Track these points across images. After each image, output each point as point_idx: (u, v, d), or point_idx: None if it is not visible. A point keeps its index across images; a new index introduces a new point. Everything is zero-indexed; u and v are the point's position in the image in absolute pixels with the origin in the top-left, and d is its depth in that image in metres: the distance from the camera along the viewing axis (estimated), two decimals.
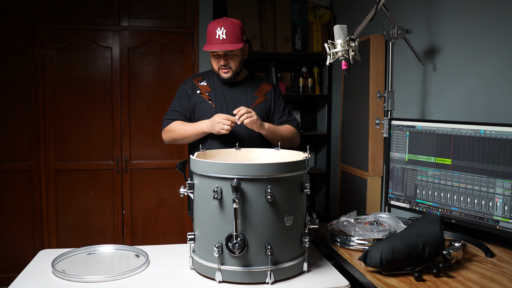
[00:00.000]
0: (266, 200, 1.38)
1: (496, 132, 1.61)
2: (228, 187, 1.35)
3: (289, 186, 1.43)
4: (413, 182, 1.93)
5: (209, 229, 1.43)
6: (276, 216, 1.41)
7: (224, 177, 1.36)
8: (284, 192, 1.41)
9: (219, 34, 1.98)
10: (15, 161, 3.25)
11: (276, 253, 1.41)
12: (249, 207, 1.38)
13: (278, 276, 1.42)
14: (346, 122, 3.21)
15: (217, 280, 1.41)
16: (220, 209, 1.39)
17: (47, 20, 3.21)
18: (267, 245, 1.39)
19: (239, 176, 1.35)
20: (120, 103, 3.35)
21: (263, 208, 1.38)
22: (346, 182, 3.21)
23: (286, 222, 1.42)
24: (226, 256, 1.40)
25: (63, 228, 3.34)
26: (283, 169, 1.40)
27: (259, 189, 1.37)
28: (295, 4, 3.59)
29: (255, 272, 1.40)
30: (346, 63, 1.91)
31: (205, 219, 1.45)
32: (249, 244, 1.38)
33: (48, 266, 1.52)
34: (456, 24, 2.13)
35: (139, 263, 1.57)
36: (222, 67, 2.05)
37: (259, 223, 1.39)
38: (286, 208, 1.43)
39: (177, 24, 3.40)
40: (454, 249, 1.47)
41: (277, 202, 1.40)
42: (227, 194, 1.37)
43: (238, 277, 1.40)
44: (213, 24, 2.02)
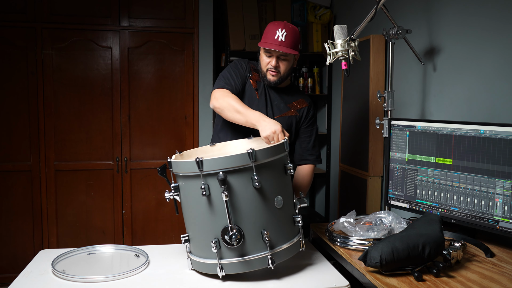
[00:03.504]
0: (254, 188, 1.38)
1: (496, 132, 1.61)
2: (215, 182, 1.35)
3: (273, 170, 1.44)
4: (413, 182, 1.93)
5: (203, 226, 1.43)
6: (266, 201, 1.42)
7: (209, 173, 1.36)
8: (270, 177, 1.42)
9: (278, 35, 1.91)
10: (15, 161, 3.25)
11: (272, 237, 1.42)
12: (239, 197, 1.38)
13: (278, 259, 1.43)
14: (346, 122, 3.21)
15: (220, 275, 1.41)
16: (210, 205, 1.39)
17: (47, 20, 3.21)
18: (263, 231, 1.40)
19: (224, 169, 1.35)
20: (120, 103, 3.35)
21: (252, 195, 1.39)
22: (346, 182, 3.21)
23: (276, 205, 1.44)
24: (224, 250, 1.40)
25: (63, 228, 3.34)
26: (266, 155, 1.41)
27: (245, 178, 1.38)
28: (295, 4, 3.59)
29: (255, 259, 1.40)
30: (346, 63, 1.91)
31: (197, 217, 1.45)
32: (245, 233, 1.39)
33: (48, 266, 1.52)
34: (456, 24, 2.13)
35: (139, 263, 1.57)
36: (271, 69, 1.97)
37: (250, 211, 1.40)
38: (274, 191, 1.44)
39: (177, 24, 3.40)
40: (454, 249, 1.47)
41: (265, 187, 1.41)
42: (215, 189, 1.37)
43: (239, 267, 1.41)
44: (274, 24, 1.96)
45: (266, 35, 1.96)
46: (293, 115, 2.08)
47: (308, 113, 2.10)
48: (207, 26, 3.43)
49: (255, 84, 2.05)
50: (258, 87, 2.05)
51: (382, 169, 2.79)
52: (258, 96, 2.04)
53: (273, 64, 1.96)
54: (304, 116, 2.09)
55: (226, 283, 1.43)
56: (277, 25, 1.94)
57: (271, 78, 1.99)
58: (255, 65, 2.11)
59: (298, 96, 2.12)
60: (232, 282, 1.44)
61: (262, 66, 2.01)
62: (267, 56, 1.97)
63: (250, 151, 1.36)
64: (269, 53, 1.96)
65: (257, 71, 2.09)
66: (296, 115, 2.08)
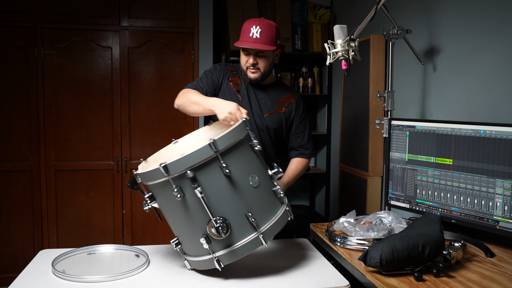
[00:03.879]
0: (225, 176, 1.37)
1: (496, 132, 1.61)
2: (186, 182, 1.34)
3: (240, 152, 1.43)
4: (413, 182, 1.93)
5: (188, 227, 1.42)
6: (242, 184, 1.40)
7: (177, 175, 1.35)
8: (238, 160, 1.41)
9: (253, 32, 1.93)
10: (15, 161, 3.25)
11: (258, 217, 1.41)
12: (214, 189, 1.37)
13: (270, 234, 1.43)
14: (346, 122, 3.21)
15: (219, 268, 1.40)
16: (188, 205, 1.38)
17: (47, 20, 3.21)
18: (247, 213, 1.39)
19: (190, 167, 1.33)
20: (120, 103, 3.35)
21: (226, 184, 1.38)
22: (346, 182, 3.21)
23: (253, 185, 1.43)
24: (215, 243, 1.39)
25: (63, 228, 3.34)
26: (227, 140, 1.39)
27: (214, 169, 1.36)
28: (295, 4, 3.59)
29: (248, 243, 1.40)
30: (346, 63, 1.91)
31: (180, 220, 1.44)
32: (230, 222, 1.38)
33: (48, 266, 1.52)
34: (456, 24, 2.13)
35: (139, 263, 1.57)
36: (250, 67, 1.99)
37: (229, 198, 1.39)
38: (247, 172, 1.43)
39: (177, 24, 3.40)
40: (454, 249, 1.47)
41: (236, 172, 1.39)
42: (188, 189, 1.36)
43: (235, 255, 1.40)
44: (249, 22, 1.97)
45: (242, 33, 1.97)
46: (282, 112, 2.08)
47: (297, 109, 2.11)
48: (207, 26, 3.43)
49: (236, 86, 2.06)
50: (240, 89, 2.06)
51: (382, 169, 2.79)
52: (240, 97, 2.04)
53: (250, 62, 1.98)
54: (294, 112, 2.10)
55: (226, 283, 1.43)
56: (252, 22, 1.95)
57: (251, 76, 2.01)
58: (236, 67, 2.12)
59: (285, 91, 2.13)
60: (231, 282, 1.44)
61: (242, 64, 2.02)
62: (245, 54, 1.99)
63: (211, 142, 1.34)
64: (246, 51, 1.98)
65: (238, 73, 2.10)
66: (285, 111, 2.09)
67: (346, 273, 1.56)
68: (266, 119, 2.05)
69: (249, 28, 1.94)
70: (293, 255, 1.67)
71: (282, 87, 2.16)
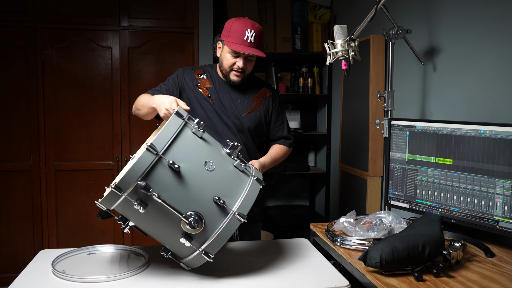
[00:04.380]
0: (176, 172, 1.35)
1: (496, 132, 1.61)
2: (142, 193, 1.33)
3: (184, 143, 1.40)
4: (413, 182, 1.93)
5: (166, 233, 1.42)
6: (196, 173, 1.38)
7: (131, 190, 1.33)
8: (184, 151, 1.38)
9: (248, 36, 1.85)
10: (15, 161, 3.25)
11: (227, 197, 1.39)
12: (171, 188, 1.35)
13: (245, 209, 1.40)
14: (346, 122, 3.21)
15: (210, 260, 1.39)
16: (155, 213, 1.37)
17: (47, 20, 3.21)
18: (214, 198, 1.37)
19: (139, 178, 1.31)
20: (120, 103, 3.35)
21: (180, 179, 1.36)
22: (346, 182, 3.21)
23: (209, 170, 1.40)
24: (196, 237, 1.38)
25: (63, 228, 3.34)
26: (163, 139, 1.36)
27: (162, 170, 1.34)
28: (295, 4, 3.59)
29: (227, 225, 1.38)
30: (346, 63, 1.91)
31: (156, 229, 1.43)
32: (201, 212, 1.36)
33: (48, 266, 1.52)
34: (456, 24, 2.13)
35: (139, 263, 1.56)
36: (237, 69, 1.91)
37: (191, 191, 1.37)
38: (198, 160, 1.40)
39: (177, 24, 3.40)
40: (454, 249, 1.47)
41: (187, 164, 1.37)
42: (147, 198, 1.34)
43: (220, 242, 1.38)
44: (240, 23, 1.87)
45: (234, 34, 1.87)
46: (260, 108, 2.04)
47: (274, 102, 2.07)
48: (207, 26, 3.43)
49: (206, 91, 1.97)
50: (211, 93, 1.97)
51: (382, 169, 2.79)
52: (213, 102, 1.96)
53: (240, 66, 1.90)
54: (271, 106, 2.06)
55: (225, 283, 1.43)
56: (244, 24, 1.86)
57: (234, 79, 1.94)
58: (204, 69, 2.03)
59: (259, 86, 2.07)
60: (231, 282, 1.44)
61: (225, 65, 1.93)
62: (233, 56, 1.90)
63: (148, 146, 1.32)
64: (236, 54, 1.89)
65: (207, 75, 2.00)
66: (263, 107, 2.04)
67: (346, 273, 1.56)
68: (244, 119, 1.99)
69: (243, 31, 1.86)
70: (293, 255, 1.67)
71: (255, 82, 2.08)
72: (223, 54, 1.93)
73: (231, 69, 1.93)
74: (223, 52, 1.93)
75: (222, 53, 1.94)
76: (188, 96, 1.97)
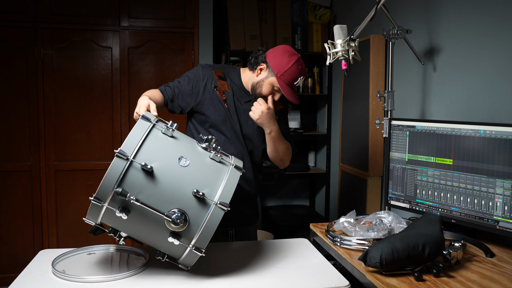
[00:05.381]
0: (149, 172, 1.34)
1: (496, 132, 1.61)
2: (121, 199, 1.33)
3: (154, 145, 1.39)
4: (413, 182, 1.93)
5: (154, 235, 1.41)
6: (171, 171, 1.37)
7: (110, 199, 1.34)
8: (155, 151, 1.38)
9: (299, 82, 1.87)
10: (15, 161, 3.25)
11: (205, 189, 1.38)
12: (148, 190, 1.35)
13: (226, 197, 1.38)
14: (346, 122, 3.21)
15: (202, 254, 1.39)
16: (138, 218, 1.37)
17: (47, 20, 3.21)
18: (193, 192, 1.36)
19: (114, 185, 1.32)
20: (120, 103, 3.35)
21: (155, 179, 1.35)
22: (346, 182, 3.21)
23: (184, 165, 1.40)
24: (184, 234, 1.38)
25: (63, 228, 3.34)
26: (131, 143, 1.36)
27: (136, 174, 1.34)
28: (295, 4, 3.59)
29: (211, 216, 1.36)
30: (346, 63, 1.91)
31: (145, 234, 1.43)
32: (183, 207, 1.36)
33: (48, 266, 1.52)
34: (456, 24, 2.13)
35: (139, 263, 1.56)
36: (268, 98, 1.90)
37: (168, 189, 1.36)
38: (171, 158, 1.39)
39: (177, 24, 3.40)
40: (454, 249, 1.47)
41: (159, 163, 1.36)
42: (128, 204, 1.35)
43: (208, 235, 1.37)
44: (298, 68, 1.85)
45: (288, 76, 1.85)
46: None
47: (283, 113, 2.06)
48: (207, 26, 3.43)
49: (223, 95, 1.94)
50: (227, 98, 1.94)
51: (382, 169, 2.79)
52: (227, 106, 1.93)
53: (277, 99, 1.91)
54: (280, 116, 2.04)
55: (225, 283, 1.43)
56: (301, 70, 1.86)
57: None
58: (224, 71, 1.99)
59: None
60: (231, 282, 1.44)
61: (263, 92, 1.91)
62: (274, 89, 1.90)
63: (117, 153, 1.32)
64: (278, 90, 1.89)
65: (225, 78, 1.97)
66: (276, 119, 1.99)
67: (346, 273, 1.56)
68: (258, 129, 1.96)
69: (297, 77, 1.86)
70: (293, 255, 1.67)
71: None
72: (266, 82, 1.89)
73: (264, 95, 1.91)
74: (266, 79, 1.89)
75: (264, 79, 1.89)
76: (204, 95, 1.93)
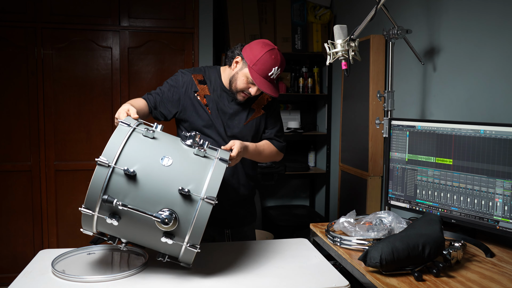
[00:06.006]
0: (130, 175, 1.35)
1: (496, 132, 1.61)
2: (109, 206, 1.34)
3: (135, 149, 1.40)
4: (413, 182, 1.93)
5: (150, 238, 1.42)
6: (155, 172, 1.37)
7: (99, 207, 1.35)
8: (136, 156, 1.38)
9: (273, 73, 1.80)
10: (15, 161, 3.25)
11: (191, 185, 1.38)
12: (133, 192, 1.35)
13: (213, 190, 1.38)
14: (346, 122, 3.21)
15: (198, 250, 1.39)
16: (130, 222, 1.38)
17: (47, 20, 3.21)
18: (179, 189, 1.35)
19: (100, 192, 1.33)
20: (120, 103, 3.35)
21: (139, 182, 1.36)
22: (346, 182, 3.21)
23: (167, 165, 1.40)
24: (177, 233, 1.38)
25: (63, 228, 3.34)
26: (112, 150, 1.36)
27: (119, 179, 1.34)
28: (295, 4, 3.59)
29: (201, 211, 1.36)
30: (346, 63, 1.91)
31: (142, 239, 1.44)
32: (171, 206, 1.36)
33: (48, 266, 1.52)
34: (456, 24, 2.13)
35: (139, 263, 1.56)
36: (246, 93, 1.86)
37: (153, 190, 1.36)
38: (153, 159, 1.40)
39: (177, 24, 3.40)
40: (454, 249, 1.47)
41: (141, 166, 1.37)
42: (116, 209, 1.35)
43: (199, 229, 1.37)
44: (271, 57, 1.79)
45: (260, 65, 1.79)
46: (260, 115, 1.98)
47: (273, 105, 2.01)
48: (207, 26, 3.43)
49: (204, 99, 1.91)
50: (208, 102, 1.91)
51: (382, 169, 2.79)
52: (210, 111, 1.90)
53: (253, 93, 1.85)
54: (269, 109, 2.00)
55: (225, 283, 1.43)
56: (275, 60, 1.80)
57: (241, 99, 1.89)
58: (204, 74, 1.95)
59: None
60: (231, 282, 1.44)
61: (238, 85, 1.86)
62: (249, 82, 1.83)
63: (99, 161, 1.33)
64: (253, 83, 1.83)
65: (205, 81, 1.93)
66: (263, 113, 1.98)
67: (346, 273, 1.56)
68: (245, 127, 1.94)
69: (271, 68, 1.79)
70: (293, 255, 1.67)
71: None
72: (240, 74, 1.85)
73: (241, 90, 1.87)
74: (241, 72, 1.85)
75: (238, 72, 1.86)
76: (184, 102, 1.91)
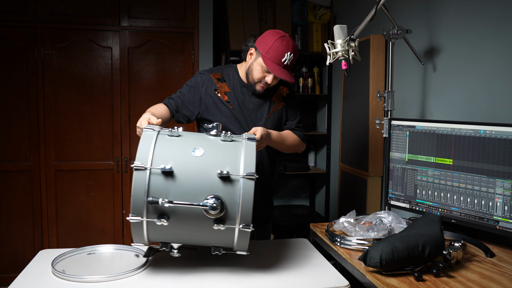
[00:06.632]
0: (168, 172, 1.38)
1: (496, 132, 1.61)
2: (155, 208, 1.37)
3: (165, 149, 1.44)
4: (413, 182, 1.93)
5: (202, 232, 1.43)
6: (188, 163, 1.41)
7: (145, 212, 1.37)
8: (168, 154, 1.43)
9: (286, 59, 1.83)
10: (15, 161, 3.25)
11: (228, 166, 1.41)
12: (175, 189, 1.38)
13: (250, 168, 1.41)
14: (346, 122, 3.21)
15: (252, 228, 1.41)
16: (179, 219, 1.39)
17: (47, 20, 3.21)
18: (218, 173, 1.38)
19: (144, 196, 1.36)
20: (120, 103, 3.35)
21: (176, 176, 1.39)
22: (346, 182, 3.21)
23: (199, 155, 1.43)
24: (227, 217, 1.39)
25: (63, 228, 3.34)
26: (144, 155, 1.40)
27: (158, 179, 1.38)
28: (295, 4, 3.59)
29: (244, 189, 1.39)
30: (346, 63, 1.91)
31: (194, 235, 1.45)
32: (215, 192, 1.38)
33: (48, 266, 1.52)
34: (456, 24, 2.13)
35: (139, 263, 1.57)
36: (264, 83, 1.90)
37: (192, 181, 1.39)
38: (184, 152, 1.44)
39: (177, 24, 3.40)
40: (454, 249, 1.47)
41: (175, 162, 1.40)
42: (164, 210, 1.38)
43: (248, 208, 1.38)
44: (283, 44, 1.83)
45: (273, 52, 1.83)
46: (281, 107, 2.03)
47: (290, 96, 2.06)
48: (207, 26, 3.43)
49: (224, 96, 1.96)
50: (229, 98, 1.96)
51: (382, 169, 2.79)
52: (232, 107, 1.95)
53: (269, 82, 1.89)
54: (288, 101, 2.06)
55: (226, 283, 1.43)
56: (286, 46, 1.84)
57: (260, 90, 1.93)
58: (222, 72, 2.00)
59: (277, 84, 2.02)
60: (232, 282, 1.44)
61: (254, 76, 1.91)
62: (264, 71, 1.88)
63: (134, 168, 1.37)
64: (268, 71, 1.87)
65: (224, 79, 1.98)
66: (283, 106, 2.04)
67: (346, 273, 1.56)
68: (268, 120, 1.99)
69: (283, 53, 1.83)
70: (293, 255, 1.67)
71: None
72: (255, 64, 1.90)
73: (259, 81, 1.91)
74: (255, 62, 1.90)
75: (253, 62, 1.91)
76: (206, 101, 1.95)
